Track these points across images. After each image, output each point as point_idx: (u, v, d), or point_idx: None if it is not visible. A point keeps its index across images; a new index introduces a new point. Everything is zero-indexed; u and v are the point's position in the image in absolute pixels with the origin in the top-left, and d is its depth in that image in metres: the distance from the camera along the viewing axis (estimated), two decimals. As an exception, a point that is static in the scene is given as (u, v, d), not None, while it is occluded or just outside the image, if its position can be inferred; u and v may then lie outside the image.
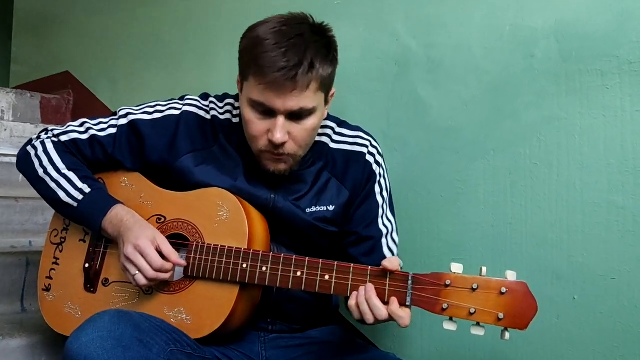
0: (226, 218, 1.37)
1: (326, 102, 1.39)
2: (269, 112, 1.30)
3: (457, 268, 1.19)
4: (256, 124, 1.33)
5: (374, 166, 1.49)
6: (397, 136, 1.76)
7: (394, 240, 1.51)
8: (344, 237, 1.49)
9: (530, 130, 1.53)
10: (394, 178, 1.60)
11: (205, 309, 1.33)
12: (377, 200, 1.49)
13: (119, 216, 1.40)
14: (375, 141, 1.53)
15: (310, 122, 1.33)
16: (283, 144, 1.32)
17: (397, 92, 1.77)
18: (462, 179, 1.64)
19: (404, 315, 1.19)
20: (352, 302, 1.23)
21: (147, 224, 1.39)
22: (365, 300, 1.21)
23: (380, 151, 1.52)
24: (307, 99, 1.29)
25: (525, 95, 1.54)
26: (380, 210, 1.50)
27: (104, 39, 2.76)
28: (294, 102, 1.28)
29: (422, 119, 1.71)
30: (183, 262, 1.36)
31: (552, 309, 1.46)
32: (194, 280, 1.37)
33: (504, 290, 1.15)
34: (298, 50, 1.25)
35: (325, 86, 1.33)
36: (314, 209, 1.44)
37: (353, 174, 1.47)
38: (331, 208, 1.45)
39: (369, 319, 1.21)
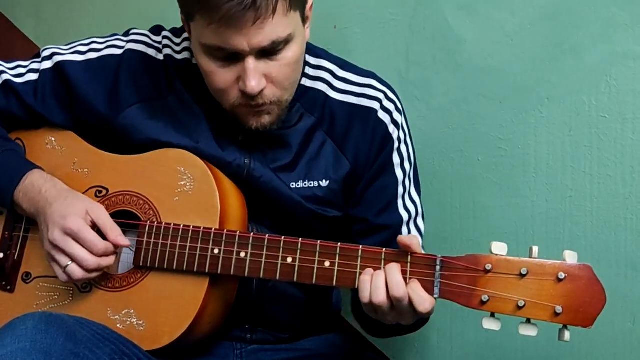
0: (190, 189, 1.38)
1: (305, 20, 1.38)
2: (232, 57, 1.30)
3: (499, 248, 1.19)
4: (219, 75, 1.34)
5: (390, 128, 1.49)
6: (419, 80, 1.77)
7: (418, 228, 1.53)
8: (350, 224, 1.51)
9: (597, 72, 1.54)
10: (414, 136, 1.59)
11: (163, 310, 1.35)
12: (395, 176, 1.50)
13: (35, 186, 1.40)
14: (394, 92, 1.53)
15: (290, 53, 1.33)
16: (261, 92, 1.32)
17: (420, 22, 1.78)
18: (507, 137, 1.66)
19: (426, 297, 1.20)
20: (365, 277, 1.23)
21: (75, 194, 1.40)
22: (384, 271, 1.22)
23: (400, 106, 1.52)
24: (278, 26, 1.27)
25: (591, 25, 1.55)
26: (401, 189, 1.51)
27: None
28: (262, 35, 1.26)
29: (453, 57, 1.73)
30: (127, 241, 1.37)
31: (626, 310, 1.49)
32: (148, 272, 1.38)
33: (562, 275, 1.16)
34: None
35: (299, 1, 1.32)
36: (301, 184, 1.46)
37: (357, 138, 1.48)
38: (324, 184, 1.47)
39: (380, 295, 1.21)
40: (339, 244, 1.28)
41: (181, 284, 1.35)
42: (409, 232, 1.50)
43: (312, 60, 1.50)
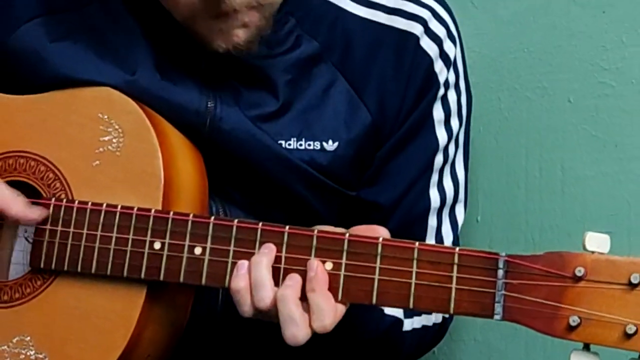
0: (117, 148, 1.34)
1: None
2: None
3: (597, 242, 1.13)
4: None
5: (437, 65, 1.49)
6: None
7: (453, 220, 1.55)
8: (360, 212, 1.51)
9: None
10: (470, 63, 1.59)
11: (76, 338, 1.31)
12: (435, 138, 1.51)
13: None
14: (446, 8, 1.54)
15: None
16: None
17: None
18: (613, 65, 1.64)
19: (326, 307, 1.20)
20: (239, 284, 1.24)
21: None
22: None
23: (455, 31, 1.54)
24: None
25: None
26: (440, 158, 1.52)
27: None
28: None
29: None
30: (40, 211, 1.33)
31: None
32: (53, 279, 1.34)
33: None
34: None
35: None
36: (294, 144, 1.44)
37: (385, 77, 1.48)
38: (331, 146, 1.46)
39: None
40: (347, 234, 1.23)
41: (104, 298, 1.32)
42: (439, 224, 1.50)
43: None
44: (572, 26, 1.68)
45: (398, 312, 1.49)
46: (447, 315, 1.54)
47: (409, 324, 1.49)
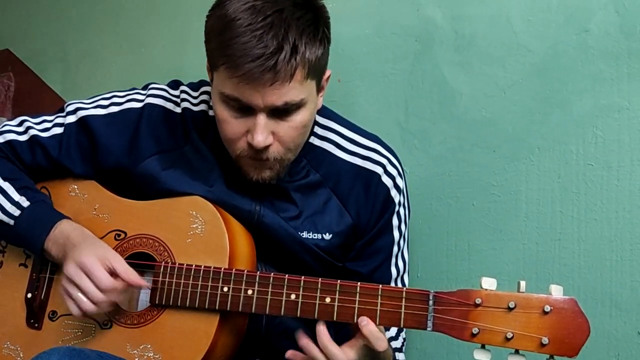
0: (201, 231, 1.45)
1: (319, 89, 1.45)
2: (246, 110, 1.36)
3: (489, 283, 1.25)
4: (231, 124, 1.40)
5: (392, 192, 1.56)
6: (417, 130, 1.83)
7: (404, 284, 1.60)
8: (345, 275, 1.56)
9: (584, 123, 1.62)
10: (413, 182, 1.68)
11: (178, 344, 1.41)
12: (392, 236, 1.57)
13: (64, 233, 1.47)
14: (396, 158, 1.59)
15: (300, 117, 1.39)
16: (266, 148, 1.39)
17: (418, 76, 1.85)
18: (499, 183, 1.72)
19: (381, 336, 1.28)
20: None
21: (99, 242, 1.46)
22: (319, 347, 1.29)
23: (402, 171, 1.59)
24: (293, 90, 1.34)
25: (578, 80, 1.63)
26: (395, 248, 1.58)
27: (52, 9, 2.78)
28: (276, 96, 1.33)
29: (449, 109, 1.80)
30: (146, 282, 1.43)
31: (610, 346, 1.55)
32: (163, 310, 1.44)
33: (547, 308, 1.20)
34: (277, 31, 1.29)
35: (316, 71, 1.38)
36: (305, 234, 1.52)
37: (360, 197, 1.54)
38: (327, 237, 1.54)
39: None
40: (339, 281, 1.33)
41: (194, 320, 1.41)
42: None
43: (321, 120, 1.57)
44: (473, 159, 1.75)
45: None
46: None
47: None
